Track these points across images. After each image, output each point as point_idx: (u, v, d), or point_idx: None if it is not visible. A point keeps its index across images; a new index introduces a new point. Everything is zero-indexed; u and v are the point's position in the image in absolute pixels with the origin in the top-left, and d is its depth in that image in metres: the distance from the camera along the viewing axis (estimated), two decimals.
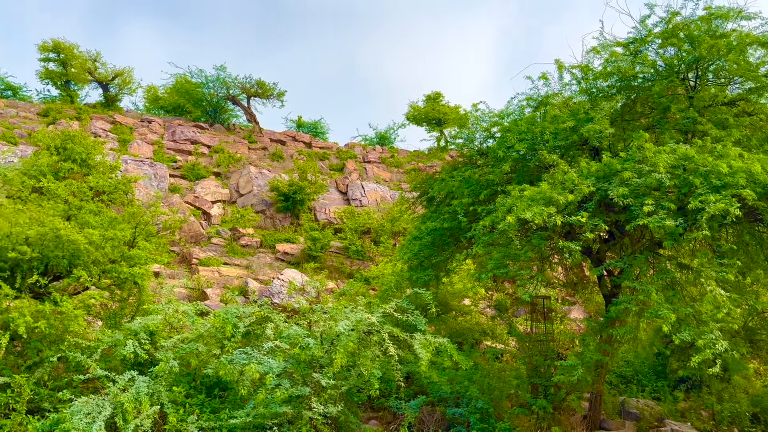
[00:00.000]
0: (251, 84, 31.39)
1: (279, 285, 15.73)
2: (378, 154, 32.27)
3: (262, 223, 22.27)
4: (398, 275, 13.98)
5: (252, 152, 28.82)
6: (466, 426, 10.17)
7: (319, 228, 22.01)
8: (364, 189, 25.47)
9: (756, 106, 11.15)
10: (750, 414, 12.03)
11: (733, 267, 8.32)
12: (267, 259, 19.44)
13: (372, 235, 21.67)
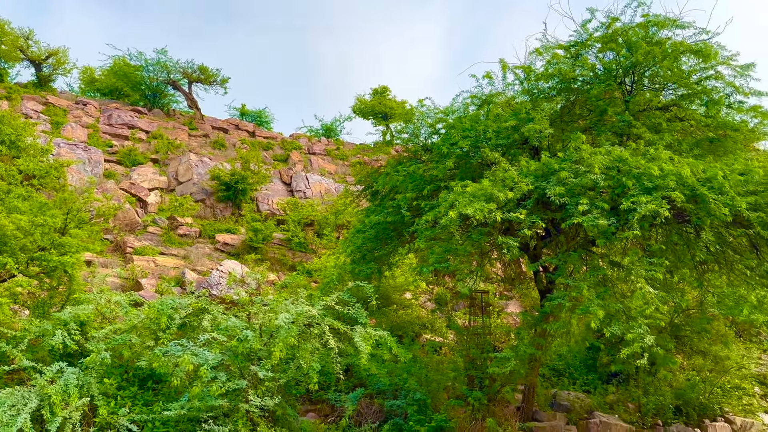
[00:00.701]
0: (193, 69, 30.56)
1: (218, 276, 15.43)
2: (323, 146, 32.07)
3: (201, 212, 21.76)
4: (341, 268, 13.97)
5: (192, 139, 28.10)
6: (404, 417, 10.28)
7: (262, 219, 21.70)
8: (309, 181, 25.27)
9: (687, 112, 11.67)
10: (673, 407, 12.66)
11: (662, 266, 8.69)
12: (206, 249, 19.02)
13: (315, 227, 21.54)
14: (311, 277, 17.59)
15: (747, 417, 12.98)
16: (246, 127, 32.11)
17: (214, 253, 19.00)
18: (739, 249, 9.85)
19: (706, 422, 12.49)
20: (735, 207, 8.14)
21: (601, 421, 11.58)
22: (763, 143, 12.73)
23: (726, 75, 10.93)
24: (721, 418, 12.83)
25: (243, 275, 14.68)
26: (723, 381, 13.54)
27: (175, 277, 16.13)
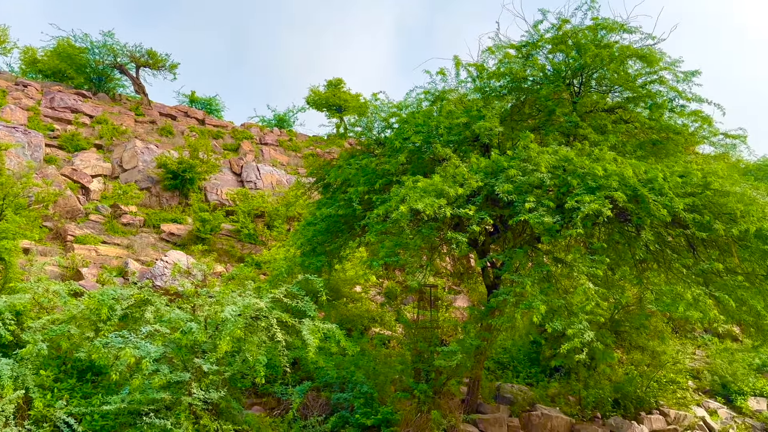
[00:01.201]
0: (141, 53, 29.63)
1: (162, 267, 15.06)
2: (276, 136, 31.67)
3: (146, 201, 21.17)
4: (291, 261, 13.85)
5: (139, 125, 27.28)
6: (350, 410, 10.30)
7: (210, 209, 21.28)
8: (260, 171, 24.92)
9: (632, 115, 12.04)
10: (612, 399, 13.10)
11: (603, 263, 8.95)
12: (150, 239, 18.53)
13: (266, 219, 21.27)
14: (260, 270, 17.39)
15: (681, 410, 13.54)
16: (195, 114, 31.39)
17: (159, 243, 18.53)
18: (677, 248, 10.25)
19: (643, 415, 12.99)
20: (673, 208, 8.46)
21: (543, 414, 11.89)
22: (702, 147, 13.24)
23: (669, 80, 11.33)
24: (657, 410, 13.35)
25: (189, 266, 14.39)
26: (659, 375, 14.08)
27: (118, 267, 15.66)
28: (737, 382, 15.43)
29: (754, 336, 12.02)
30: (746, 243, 9.19)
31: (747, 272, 9.88)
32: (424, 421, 9.76)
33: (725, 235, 8.67)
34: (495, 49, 12.05)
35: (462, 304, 18.61)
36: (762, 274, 9.75)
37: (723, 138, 11.76)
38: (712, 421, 13.76)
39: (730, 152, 12.80)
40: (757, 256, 9.27)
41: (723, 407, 14.73)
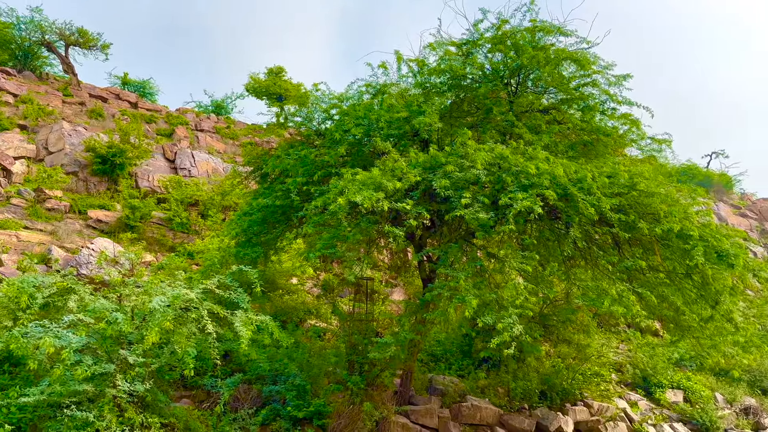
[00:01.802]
0: (71, 31, 28.27)
1: (88, 255, 14.44)
2: (213, 123, 30.89)
3: (73, 185, 20.23)
4: (225, 251, 13.58)
5: (67, 107, 26.02)
6: (282, 403, 10.22)
7: (140, 196, 20.56)
8: (195, 158, 24.27)
9: (565, 116, 12.41)
10: (539, 391, 13.51)
11: (534, 259, 9.22)
12: (76, 225, 17.73)
13: (200, 207, 20.73)
14: (193, 260, 16.95)
15: (604, 402, 14.12)
16: (128, 97, 30.21)
17: (85, 230, 17.76)
18: (604, 246, 10.67)
19: (568, 406, 13.46)
20: (601, 207, 8.79)
21: (473, 405, 12.15)
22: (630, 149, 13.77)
23: (602, 83, 11.73)
24: (581, 402, 13.87)
25: (116, 255, 13.86)
26: (584, 368, 14.63)
27: (41, 253, 14.92)
28: (657, 375, 16.22)
29: (673, 331, 12.67)
30: (668, 242, 9.65)
31: (668, 270, 10.38)
32: (356, 412, 9.79)
33: (649, 234, 9.07)
34: (436, 46, 12.16)
35: (398, 298, 18.75)
36: (682, 272, 10.27)
37: (650, 142, 12.30)
38: (633, 412, 14.42)
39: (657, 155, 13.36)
40: (678, 254, 9.75)
41: (643, 399, 15.47)
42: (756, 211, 40.37)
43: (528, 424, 12.32)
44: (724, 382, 17.39)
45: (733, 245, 9.53)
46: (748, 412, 16.02)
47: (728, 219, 36.10)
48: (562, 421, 12.72)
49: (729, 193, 41.69)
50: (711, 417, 14.79)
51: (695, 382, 16.36)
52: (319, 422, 10.06)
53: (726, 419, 15.23)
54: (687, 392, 15.90)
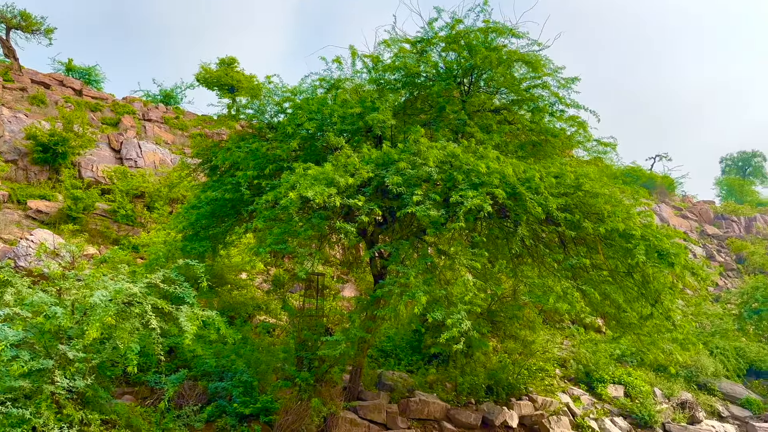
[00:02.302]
0: (13, 14, 26.97)
1: (26, 246, 13.86)
2: (161, 113, 30.08)
3: (12, 174, 19.37)
4: (171, 245, 13.27)
5: (7, 92, 24.87)
6: (228, 399, 10.07)
7: (84, 187, 19.85)
8: (142, 149, 23.59)
9: (516, 116, 12.62)
10: (486, 386, 13.75)
11: (483, 256, 9.35)
12: (15, 216, 16.98)
13: (146, 199, 20.17)
14: (137, 253, 16.49)
15: (548, 396, 14.48)
16: (72, 84, 29.09)
17: (24, 220, 17.04)
18: (550, 244, 10.91)
19: (513, 400, 13.75)
20: (548, 206, 8.98)
21: (421, 399, 12.26)
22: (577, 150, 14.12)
23: (552, 85, 11.98)
24: (526, 397, 14.19)
25: (56, 247, 13.35)
26: (529, 363, 14.96)
27: None
28: (599, 370, 16.74)
29: (615, 328, 13.07)
30: (611, 241, 9.94)
31: (611, 268, 10.70)
32: (304, 409, 9.73)
33: (593, 233, 9.33)
34: (391, 43, 12.17)
35: (350, 294, 18.73)
36: (624, 270, 10.60)
37: (596, 144, 12.64)
38: (575, 406, 14.84)
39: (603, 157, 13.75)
40: (620, 253, 10.05)
41: (585, 394, 15.93)
42: (696, 213, 42.11)
43: (474, 419, 12.51)
44: (662, 377, 18.09)
45: (673, 245, 9.89)
46: (684, 406, 16.71)
47: (670, 220, 37.53)
48: (507, 416, 12.98)
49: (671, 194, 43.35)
50: (650, 411, 15.37)
51: (635, 377, 16.95)
52: (266, 418, 9.96)
53: (664, 413, 15.85)
54: (627, 387, 16.46)
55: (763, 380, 20.57)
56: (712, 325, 22.97)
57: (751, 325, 24.35)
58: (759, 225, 43.39)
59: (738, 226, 42.82)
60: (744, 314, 24.33)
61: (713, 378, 19.11)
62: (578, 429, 13.99)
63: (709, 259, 35.05)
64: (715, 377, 19.18)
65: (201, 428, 9.48)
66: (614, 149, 12.42)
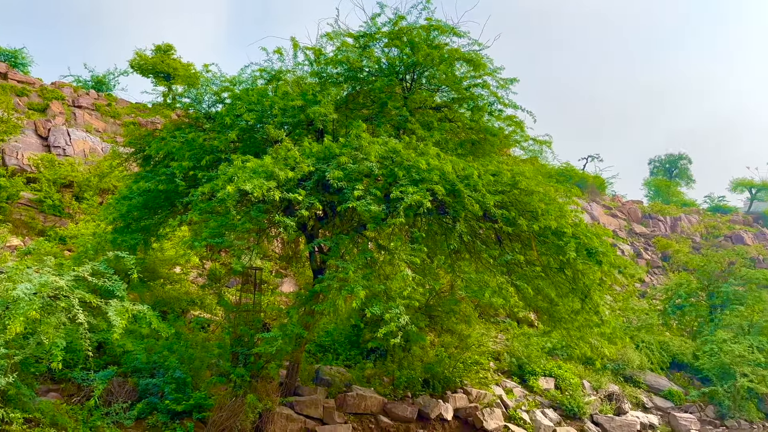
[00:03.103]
0: None
1: None
2: (92, 99, 28.86)
3: None
4: (101, 237, 12.79)
5: None
6: (160, 396, 9.81)
7: (8, 174, 18.83)
8: (71, 137, 22.58)
9: (456, 114, 12.80)
10: (422, 379, 13.92)
11: (422, 252, 9.46)
12: None
13: (75, 189, 19.32)
14: (65, 245, 15.79)
15: (482, 389, 14.80)
16: None
17: None
18: (487, 241, 11.15)
19: (448, 393, 13.98)
20: (485, 203, 9.17)
21: (358, 394, 12.30)
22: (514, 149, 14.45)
23: (492, 85, 12.20)
24: (461, 389, 14.45)
25: None
26: (465, 357, 15.24)
27: None
28: (531, 363, 17.23)
29: (547, 322, 13.50)
30: (544, 238, 10.25)
31: (544, 264, 11.03)
32: (238, 405, 9.58)
33: (527, 230, 9.59)
34: (333, 36, 12.10)
35: (289, 288, 18.56)
36: (556, 266, 10.95)
37: (532, 143, 12.99)
38: (508, 399, 15.24)
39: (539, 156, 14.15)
40: (553, 250, 10.38)
41: (518, 386, 16.38)
42: (625, 212, 43.94)
43: (410, 412, 12.66)
44: (591, 370, 18.81)
45: (602, 243, 10.30)
46: (611, 397, 17.44)
47: (600, 218, 39.01)
48: (443, 408, 13.19)
49: (602, 194, 45.06)
50: (579, 403, 15.96)
51: (565, 370, 17.55)
52: (199, 415, 9.76)
53: (592, 405, 16.49)
54: (558, 380, 17.03)
55: (685, 373, 21.72)
56: (638, 320, 24.03)
57: (674, 320, 25.66)
58: (683, 224, 45.73)
59: (664, 225, 44.97)
60: (668, 310, 25.60)
61: (639, 371, 20.03)
62: (511, 420, 14.38)
63: (636, 256, 36.67)
64: (640, 370, 20.10)
65: (131, 426, 9.21)
66: (549, 147, 12.78)
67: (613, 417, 16.34)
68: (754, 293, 24.03)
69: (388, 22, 11.98)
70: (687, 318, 25.57)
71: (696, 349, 21.91)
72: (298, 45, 11.97)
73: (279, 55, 11.96)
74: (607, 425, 15.91)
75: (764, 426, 19.41)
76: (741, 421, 19.11)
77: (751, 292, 24.10)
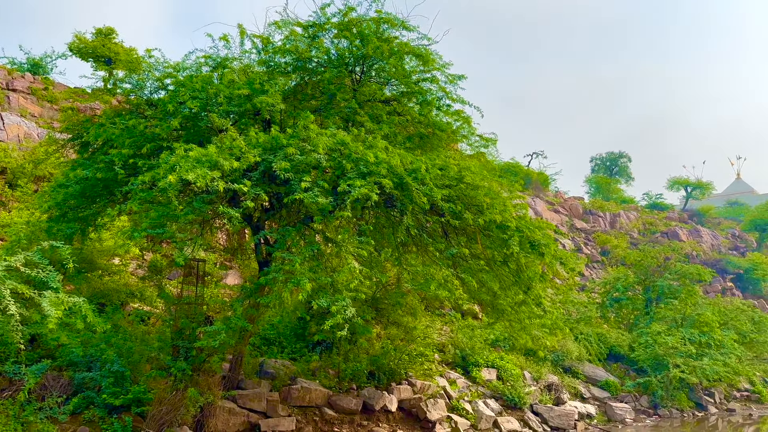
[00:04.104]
0: None
1: None
2: (27, 83, 27.53)
3: None
4: (35, 226, 12.28)
5: None
6: (97, 390, 9.51)
7: None
8: (4, 121, 21.49)
9: (405, 108, 12.85)
10: (368, 372, 13.96)
11: (370, 245, 9.49)
12: None
13: (7, 176, 18.40)
14: None
15: (426, 380, 14.97)
16: None
17: None
18: (433, 234, 11.27)
19: (393, 385, 14.08)
20: (433, 197, 9.27)
21: (303, 387, 12.24)
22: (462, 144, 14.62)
23: (441, 80, 12.30)
24: (406, 381, 14.58)
25: None
26: (410, 349, 15.38)
27: None
28: (474, 355, 17.54)
29: (490, 314, 13.78)
30: (489, 232, 10.45)
31: (488, 258, 11.25)
32: (179, 399, 9.38)
33: (473, 224, 9.74)
34: (282, 25, 11.93)
35: (234, 281, 18.26)
36: (500, 260, 11.18)
37: (479, 139, 13.18)
38: (452, 390, 15.47)
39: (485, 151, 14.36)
40: (497, 244, 10.59)
41: (462, 377, 16.65)
42: (567, 208, 45.17)
43: (355, 404, 12.69)
44: (532, 361, 19.30)
45: (544, 237, 10.56)
46: (551, 388, 17.96)
47: (543, 213, 39.98)
48: (387, 400, 13.28)
49: (545, 190, 46.17)
50: (519, 393, 16.36)
51: (507, 361, 17.95)
52: (138, 410, 9.52)
53: (532, 395, 16.93)
54: (500, 371, 17.40)
55: (621, 364, 22.57)
56: (577, 312, 24.79)
57: (612, 313, 26.60)
58: (622, 221, 47.40)
59: (604, 221, 46.50)
60: (606, 303, 26.51)
61: (577, 362, 20.69)
62: (454, 411, 14.61)
63: (577, 251, 37.79)
64: (579, 361, 20.76)
65: (66, 421, 8.90)
66: (494, 144, 13.00)
67: (552, 407, 16.83)
68: (687, 287, 25.16)
69: (338, 13, 11.90)
70: (624, 311, 26.55)
71: (632, 341, 22.78)
72: (246, 32, 11.76)
73: (225, 42, 11.72)
74: (547, 415, 16.38)
75: (694, 414, 20.41)
76: (673, 410, 20.04)
77: (685, 287, 25.22)
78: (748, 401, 23.58)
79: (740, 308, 28.77)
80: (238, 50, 11.94)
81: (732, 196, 70.95)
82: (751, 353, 25.94)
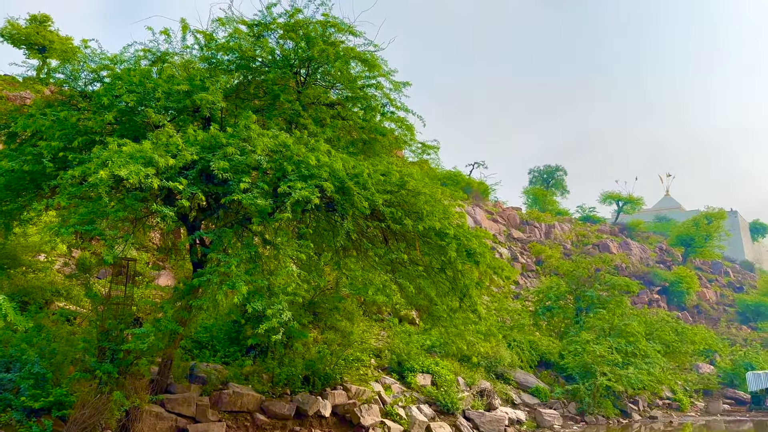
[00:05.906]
0: None
1: None
2: None
3: None
4: None
5: None
6: (16, 392, 9.04)
7: None
8: None
9: (349, 113, 12.87)
10: (303, 377, 13.81)
11: (309, 248, 9.42)
12: None
13: None
14: None
15: (361, 386, 14.95)
16: None
17: None
18: (373, 239, 11.30)
19: (328, 390, 13.99)
20: (374, 202, 9.29)
21: (234, 392, 12.00)
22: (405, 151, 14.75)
23: (386, 87, 12.38)
24: (341, 386, 14.51)
25: None
26: (347, 354, 15.32)
27: None
28: (411, 360, 17.67)
29: (427, 320, 13.89)
30: (428, 239, 10.57)
31: (426, 264, 11.37)
32: (103, 402, 9.02)
33: (413, 230, 9.83)
34: (226, 21, 11.74)
35: (166, 282, 17.74)
36: (438, 266, 11.32)
37: (421, 146, 13.33)
38: (386, 395, 15.51)
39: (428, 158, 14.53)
40: (435, 250, 10.72)
41: (397, 382, 16.72)
42: (505, 218, 46.23)
43: (288, 409, 12.54)
44: (466, 367, 19.60)
45: (480, 245, 10.76)
46: (483, 394, 18.28)
47: (482, 222, 40.77)
48: (321, 405, 13.19)
49: (485, 199, 47.13)
50: (452, 399, 16.57)
51: (442, 366, 18.17)
52: (59, 413, 9.09)
53: (465, 400, 17.19)
54: (435, 376, 17.59)
55: (551, 371, 23.23)
56: (511, 320, 25.38)
57: (544, 321, 27.38)
58: (557, 231, 48.91)
59: (539, 231, 47.84)
60: (539, 311, 27.27)
61: (510, 368, 21.16)
62: (387, 416, 14.65)
63: (513, 260, 38.70)
64: (511, 367, 21.24)
65: None
66: (436, 152, 13.18)
67: (484, 412, 17.14)
68: (615, 298, 26.20)
69: (284, 14, 11.82)
70: (555, 319, 27.37)
71: (562, 348, 23.49)
72: (188, 27, 11.51)
73: (166, 36, 11.41)
74: (478, 420, 16.66)
75: (619, 422, 21.23)
76: (599, 417, 20.78)
77: (613, 297, 26.26)
78: (669, 409, 24.75)
79: (665, 319, 30.22)
80: (180, 45, 11.67)
81: (661, 212, 74.49)
82: (674, 363, 27.27)
